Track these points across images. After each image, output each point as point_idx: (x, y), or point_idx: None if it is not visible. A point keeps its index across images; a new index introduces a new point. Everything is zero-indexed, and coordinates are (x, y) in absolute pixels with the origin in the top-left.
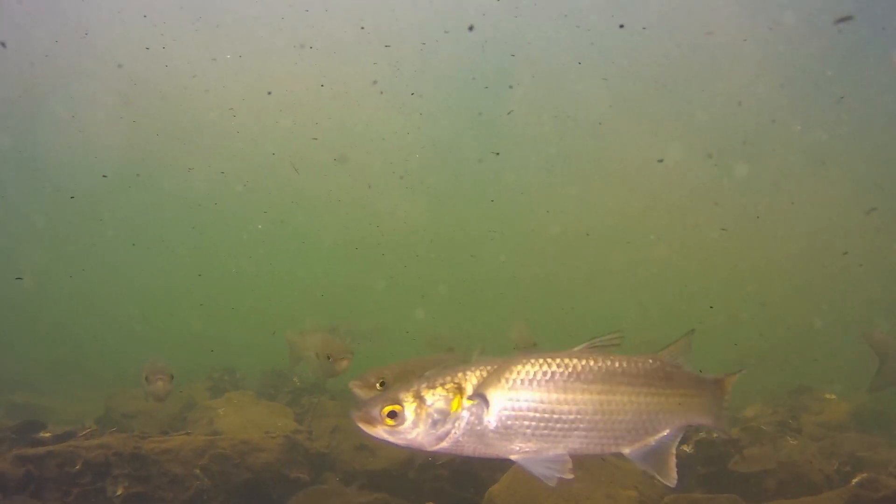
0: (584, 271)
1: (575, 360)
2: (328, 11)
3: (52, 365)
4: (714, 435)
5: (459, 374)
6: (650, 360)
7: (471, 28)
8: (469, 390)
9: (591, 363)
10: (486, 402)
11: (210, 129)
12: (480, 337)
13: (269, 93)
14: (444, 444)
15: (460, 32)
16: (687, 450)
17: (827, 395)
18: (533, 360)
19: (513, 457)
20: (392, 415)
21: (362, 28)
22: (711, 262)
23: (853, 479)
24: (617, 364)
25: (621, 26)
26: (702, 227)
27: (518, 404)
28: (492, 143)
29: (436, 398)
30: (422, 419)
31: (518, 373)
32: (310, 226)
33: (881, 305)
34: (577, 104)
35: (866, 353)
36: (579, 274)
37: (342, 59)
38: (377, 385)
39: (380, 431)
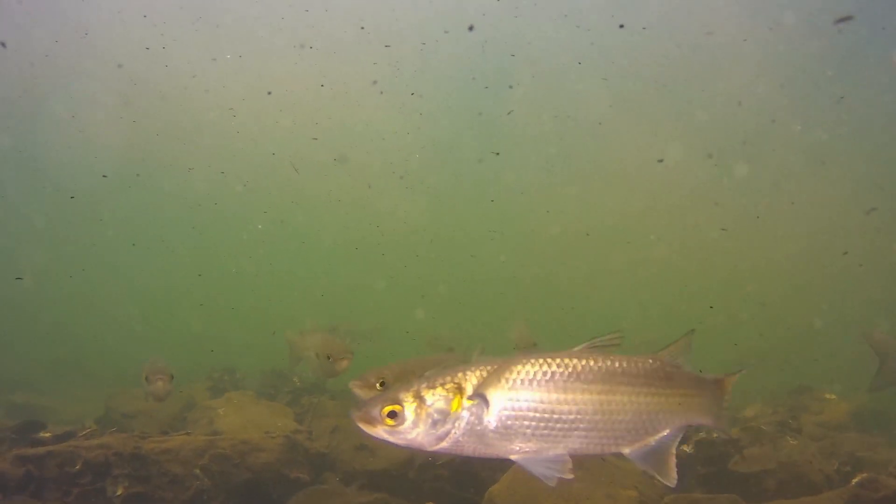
0: (584, 271)
1: (575, 360)
2: (328, 11)
3: (52, 365)
4: (714, 435)
5: (459, 374)
6: (650, 360)
7: (471, 28)
8: (469, 390)
9: (591, 363)
10: (486, 402)
11: (210, 129)
12: (480, 337)
13: (269, 93)
14: (444, 444)
15: (460, 32)
16: (687, 450)
17: (827, 395)
18: (533, 360)
19: (513, 457)
20: (392, 415)
21: (362, 28)
22: (711, 262)
23: (853, 479)
24: (617, 364)
25: (621, 26)
26: (702, 227)
27: (518, 404)
28: (492, 143)
29: (436, 398)
30: (422, 419)
31: (518, 373)
32: (310, 226)
33: (881, 305)
34: (577, 104)
35: (866, 353)
36: (579, 274)
37: (342, 59)
38: (377, 385)
39: (380, 431)
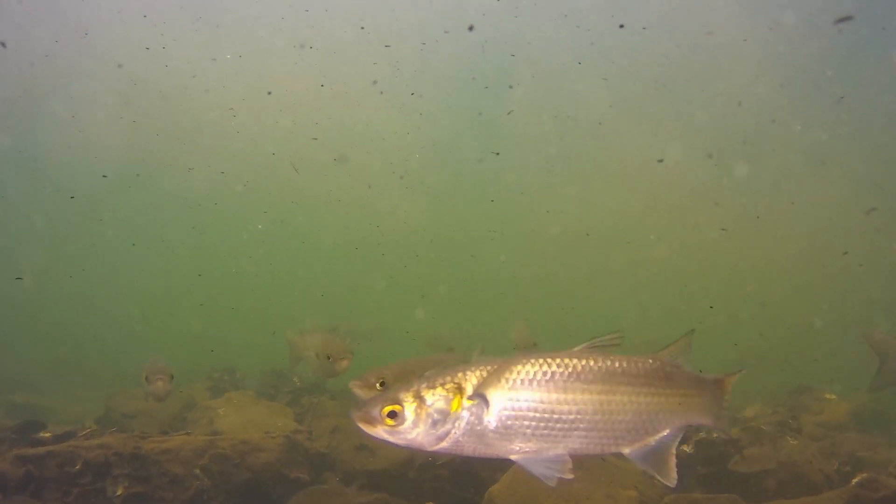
0: (584, 271)
1: (575, 360)
2: (328, 11)
3: (52, 365)
4: (714, 435)
5: (459, 374)
6: (650, 360)
7: (471, 28)
8: (469, 390)
9: (591, 363)
10: (486, 402)
11: (210, 129)
12: (480, 337)
13: (269, 93)
14: (444, 444)
15: (460, 32)
16: (687, 450)
17: (827, 395)
18: (533, 360)
19: (513, 457)
20: (392, 415)
21: (362, 28)
22: (711, 262)
23: (853, 479)
24: (617, 364)
25: (621, 26)
26: (702, 227)
27: (518, 404)
28: (492, 143)
29: (436, 398)
30: (422, 419)
31: (518, 373)
32: (310, 226)
33: (881, 305)
34: (577, 104)
35: (866, 353)
36: (579, 274)
37: (342, 59)
38: (377, 385)
39: (380, 431)
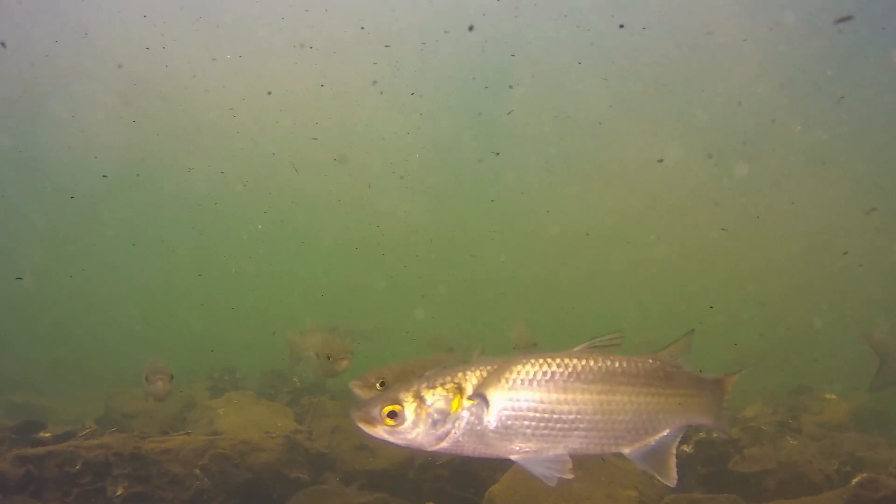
0: (584, 271)
1: (575, 360)
2: (328, 11)
3: (52, 365)
4: (714, 435)
5: (459, 374)
6: (650, 360)
7: (471, 28)
8: (469, 390)
9: (591, 363)
10: (486, 402)
11: (210, 129)
12: (480, 337)
13: (269, 93)
14: (444, 444)
15: (460, 32)
16: (687, 450)
17: (827, 395)
18: (533, 360)
19: (513, 457)
20: (392, 415)
21: (362, 28)
22: (711, 262)
23: (853, 479)
24: (617, 364)
25: (621, 26)
26: (702, 227)
27: (518, 404)
28: (492, 143)
29: (436, 398)
30: (422, 419)
31: (518, 373)
32: (310, 226)
33: (881, 305)
34: (577, 104)
35: (866, 353)
36: (579, 274)
37: (342, 59)
38: (377, 385)
39: (380, 431)
